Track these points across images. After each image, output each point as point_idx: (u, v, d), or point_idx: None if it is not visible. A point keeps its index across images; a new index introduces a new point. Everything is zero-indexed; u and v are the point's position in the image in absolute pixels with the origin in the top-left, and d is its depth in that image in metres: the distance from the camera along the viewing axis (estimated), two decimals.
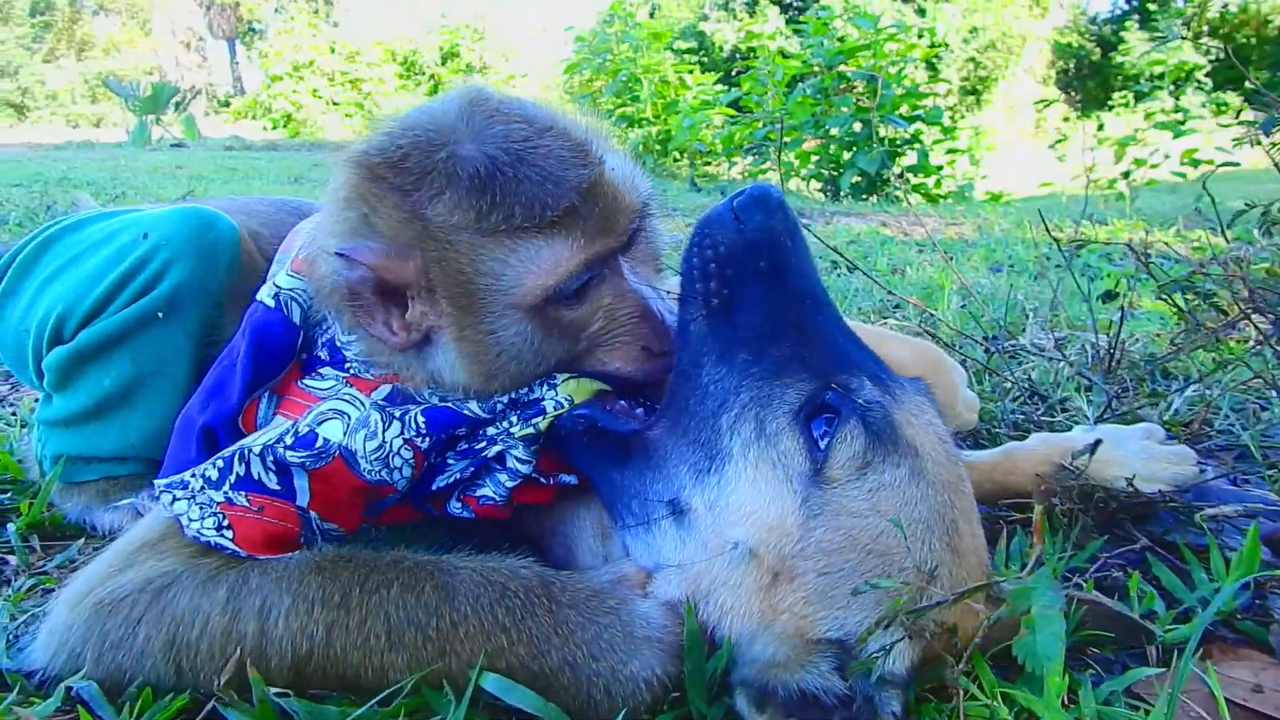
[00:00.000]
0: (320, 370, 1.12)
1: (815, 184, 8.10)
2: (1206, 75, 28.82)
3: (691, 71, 10.12)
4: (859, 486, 0.92)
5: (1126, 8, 34.72)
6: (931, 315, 2.41)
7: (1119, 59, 32.32)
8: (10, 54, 32.13)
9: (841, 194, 7.49)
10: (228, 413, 1.11)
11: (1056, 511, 1.35)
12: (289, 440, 1.03)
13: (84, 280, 1.31)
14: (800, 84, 7.96)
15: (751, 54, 10.58)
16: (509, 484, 1.11)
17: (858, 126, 7.52)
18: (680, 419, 1.02)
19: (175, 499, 1.02)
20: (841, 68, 7.55)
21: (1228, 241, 1.88)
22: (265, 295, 1.17)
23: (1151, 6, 32.87)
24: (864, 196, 7.39)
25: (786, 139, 8.00)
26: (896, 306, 2.89)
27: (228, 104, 31.13)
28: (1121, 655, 1.06)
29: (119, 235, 1.33)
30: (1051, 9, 34.51)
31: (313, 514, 1.05)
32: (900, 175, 7.39)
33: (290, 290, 1.15)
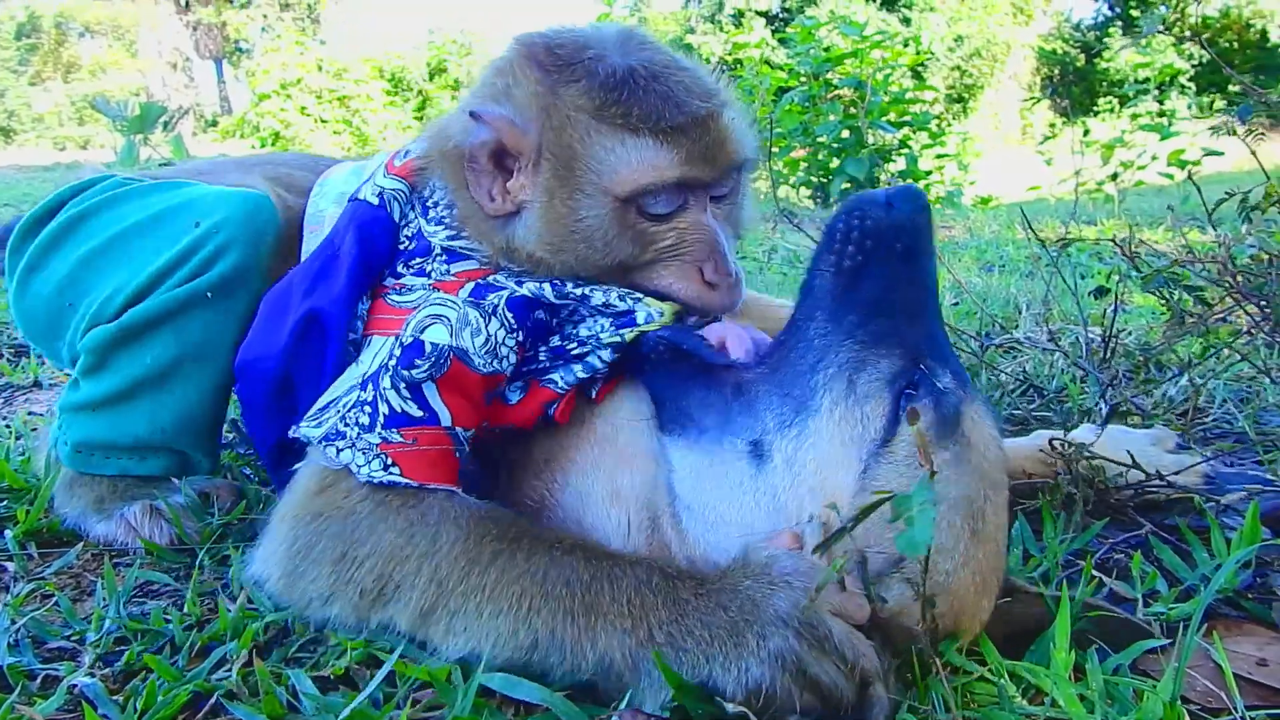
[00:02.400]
0: (402, 283, 1.19)
1: (805, 190, 8.12)
2: (1190, 80, 29.02)
3: None
4: (909, 464, 0.96)
5: (1110, 14, 34.97)
6: None
7: (1103, 65, 32.56)
8: None
9: (831, 200, 7.52)
10: (337, 298, 1.17)
11: (1058, 496, 1.35)
12: (397, 353, 1.08)
13: (135, 262, 1.31)
14: (788, 93, 7.99)
15: (738, 65, 10.62)
16: (581, 374, 1.15)
17: (845, 134, 7.54)
18: (780, 366, 1.07)
19: (339, 450, 1.05)
20: (828, 75, 7.58)
21: (1216, 233, 1.89)
22: (368, 194, 1.25)
23: (1135, 13, 33.13)
24: None
25: (775, 147, 8.03)
26: None
27: (215, 123, 31.12)
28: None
29: (167, 220, 1.34)
30: (1036, 16, 34.72)
31: (458, 429, 1.09)
32: (890, 180, 7.41)
33: (393, 190, 1.24)
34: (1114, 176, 7.17)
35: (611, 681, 0.91)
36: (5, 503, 1.47)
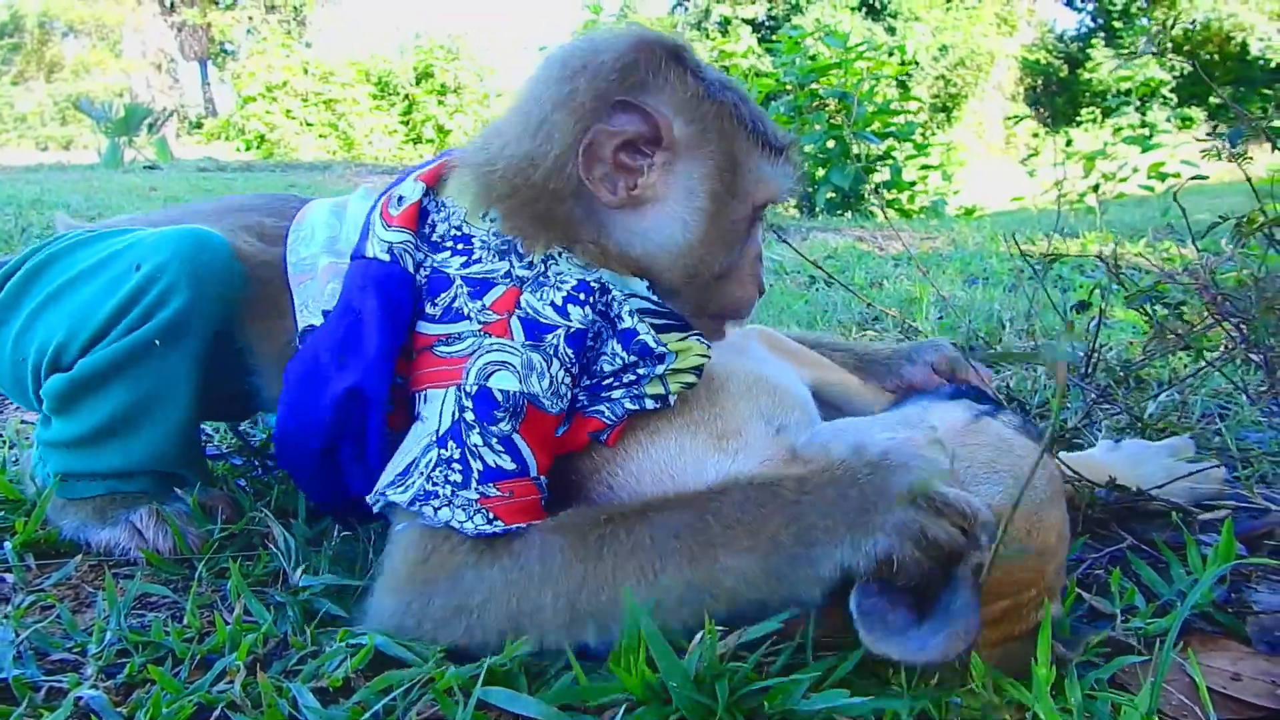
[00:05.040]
0: (448, 333, 1.15)
1: (790, 200, 8.17)
2: (1171, 91, 29.30)
3: None
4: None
5: (1093, 25, 35.25)
6: (911, 326, 2.45)
7: (1086, 76, 32.85)
8: None
9: (817, 210, 7.57)
10: (372, 367, 1.15)
11: None
12: (469, 405, 1.09)
13: (79, 308, 1.30)
14: (773, 102, 8.04)
15: (725, 72, 10.67)
16: (630, 406, 1.18)
17: (831, 144, 7.59)
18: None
19: (436, 509, 1.05)
20: (814, 85, 7.64)
21: (1198, 252, 1.93)
22: (377, 251, 1.20)
23: (1118, 24, 33.43)
24: (839, 212, 7.47)
25: None
26: (876, 319, 2.94)
27: (200, 125, 31.00)
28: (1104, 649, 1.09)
29: (111, 264, 1.32)
30: (1020, 27, 34.97)
31: (542, 477, 1.12)
32: (875, 191, 7.47)
33: (401, 243, 1.20)
34: (1096, 188, 7.25)
35: (762, 600, 0.98)
36: (2, 514, 1.48)
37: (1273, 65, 29.03)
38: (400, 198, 1.26)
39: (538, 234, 1.18)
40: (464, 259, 1.18)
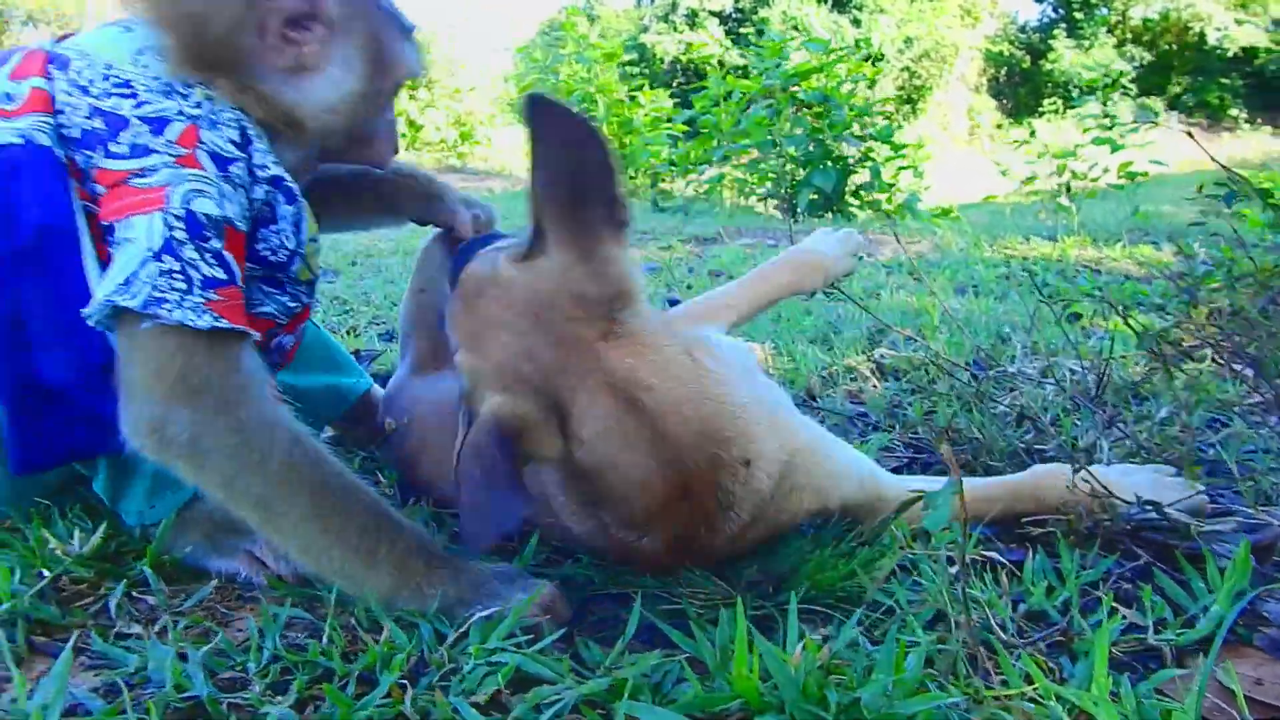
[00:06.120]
0: (141, 166, 1.29)
1: (772, 202, 8.34)
2: (1131, 81, 29.75)
3: (641, 88, 10.32)
4: None
5: (1055, 16, 35.70)
6: (927, 347, 2.60)
7: (1048, 66, 33.33)
8: None
9: (798, 211, 7.73)
10: (52, 206, 1.31)
11: (1076, 527, 1.54)
12: (178, 224, 1.26)
13: None
14: (753, 105, 8.19)
15: (692, 66, 10.77)
16: (291, 305, 1.52)
17: (811, 146, 7.75)
18: None
19: (170, 311, 1.23)
20: (795, 89, 7.80)
21: (1175, 256, 2.08)
22: (9, 139, 1.31)
23: (1079, 15, 33.91)
24: (820, 214, 7.64)
25: (742, 157, 8.23)
26: (880, 332, 3.09)
27: None
28: (1141, 658, 1.25)
29: None
30: (983, 18, 35.33)
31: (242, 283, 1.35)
32: (855, 193, 7.65)
33: (33, 126, 1.32)
34: (1068, 188, 7.47)
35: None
36: (122, 537, 1.57)
37: (1230, 55, 29.60)
38: (8, 95, 1.35)
39: (198, 77, 1.37)
40: (132, 101, 1.33)
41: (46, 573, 1.41)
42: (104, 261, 1.31)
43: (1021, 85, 35.20)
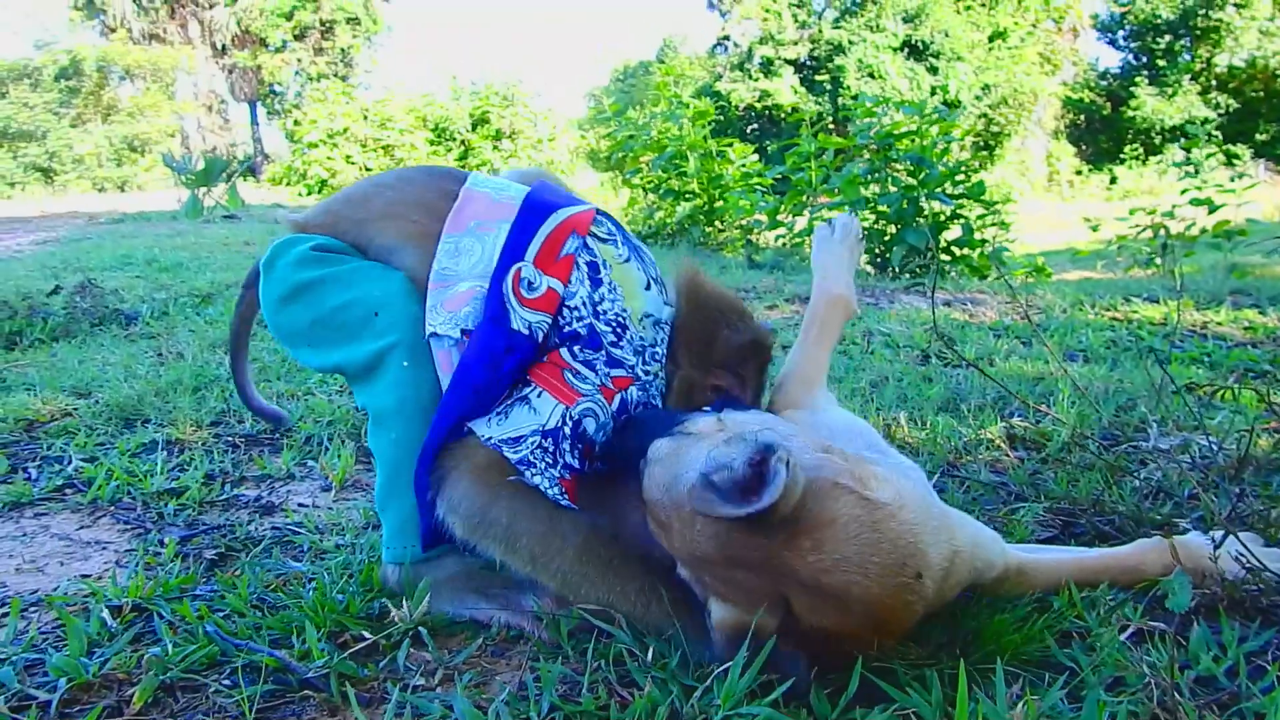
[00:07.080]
0: (578, 368, 1.67)
1: (864, 258, 8.52)
2: (1216, 129, 29.34)
3: (732, 144, 10.61)
4: None
5: (1135, 63, 35.34)
6: (1057, 419, 2.75)
7: (1130, 113, 33.02)
8: (39, 119, 32.98)
9: (891, 268, 7.90)
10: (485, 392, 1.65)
11: (1238, 597, 1.69)
12: (567, 426, 1.62)
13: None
14: (849, 164, 8.40)
15: (767, 112, 11.02)
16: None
17: (905, 204, 7.92)
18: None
19: (531, 474, 1.59)
20: (889, 149, 8.00)
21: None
22: (518, 325, 1.65)
23: (1161, 62, 33.59)
24: (914, 270, 7.79)
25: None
26: (1002, 398, 3.22)
27: (253, 170, 31.93)
28: None
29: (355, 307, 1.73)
30: (1063, 65, 35.14)
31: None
32: (946, 249, 7.79)
33: (537, 323, 1.67)
34: (1165, 247, 7.53)
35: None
36: (381, 599, 1.78)
37: None
38: (530, 283, 1.69)
39: (670, 369, 1.78)
40: (613, 340, 1.69)
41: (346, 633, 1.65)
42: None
43: (1102, 132, 34.88)
